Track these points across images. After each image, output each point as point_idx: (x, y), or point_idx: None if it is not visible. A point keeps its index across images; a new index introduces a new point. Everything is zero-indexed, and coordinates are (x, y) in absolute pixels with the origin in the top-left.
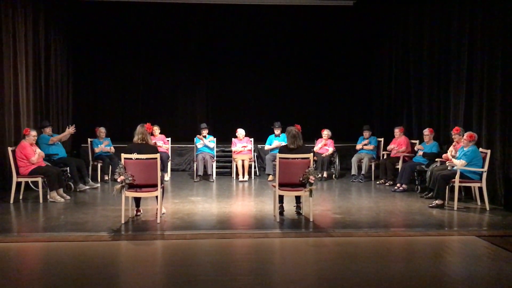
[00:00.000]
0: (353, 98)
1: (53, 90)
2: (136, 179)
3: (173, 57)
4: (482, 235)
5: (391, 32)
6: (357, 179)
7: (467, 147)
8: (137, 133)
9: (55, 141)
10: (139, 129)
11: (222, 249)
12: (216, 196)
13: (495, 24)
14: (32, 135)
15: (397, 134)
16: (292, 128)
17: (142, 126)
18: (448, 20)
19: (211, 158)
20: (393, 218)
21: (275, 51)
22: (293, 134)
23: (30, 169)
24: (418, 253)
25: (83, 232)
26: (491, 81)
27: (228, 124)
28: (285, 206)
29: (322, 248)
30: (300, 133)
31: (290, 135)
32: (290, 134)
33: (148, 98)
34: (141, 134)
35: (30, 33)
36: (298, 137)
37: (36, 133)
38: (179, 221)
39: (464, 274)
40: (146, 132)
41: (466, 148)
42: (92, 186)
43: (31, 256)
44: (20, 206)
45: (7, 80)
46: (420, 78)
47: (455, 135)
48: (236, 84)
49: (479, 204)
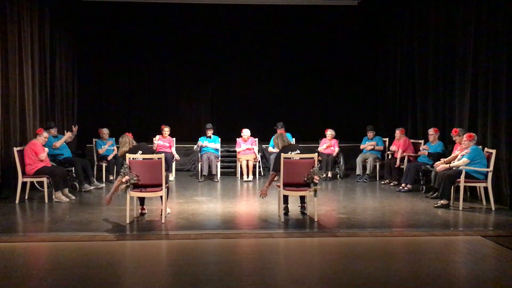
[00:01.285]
0: (357, 98)
1: (58, 91)
2: (140, 179)
3: (178, 57)
4: (488, 235)
5: (396, 32)
6: (362, 179)
7: (469, 147)
8: (124, 143)
9: (57, 146)
10: (125, 139)
11: (227, 249)
12: (221, 196)
13: (500, 24)
14: (44, 136)
15: (398, 135)
16: (276, 135)
17: (125, 136)
18: (453, 19)
19: (215, 158)
20: (398, 218)
21: (280, 51)
22: (276, 136)
23: (35, 169)
24: (423, 253)
25: (88, 232)
26: (496, 80)
27: (233, 124)
28: (289, 206)
29: (327, 248)
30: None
31: (278, 139)
32: (278, 138)
33: (153, 98)
34: (129, 142)
35: (36, 34)
36: (284, 136)
37: (47, 135)
38: (184, 221)
39: (469, 274)
40: (131, 138)
41: (467, 148)
42: (97, 186)
43: (36, 256)
44: (25, 206)
45: (13, 81)
46: (425, 77)
47: (455, 137)
48: (241, 84)
49: (484, 204)
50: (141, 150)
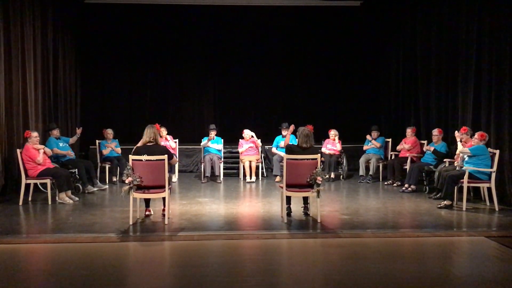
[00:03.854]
0: (360, 98)
1: (61, 92)
2: (144, 180)
3: (181, 58)
4: (491, 236)
5: (398, 32)
6: (365, 180)
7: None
8: (147, 134)
9: (63, 153)
10: (149, 129)
11: (230, 250)
12: (224, 197)
13: (503, 23)
14: (33, 137)
15: (409, 134)
16: (304, 128)
17: (152, 127)
18: (455, 19)
19: (218, 159)
20: (401, 219)
21: (282, 52)
22: (306, 133)
23: (38, 171)
24: (426, 254)
25: (91, 233)
26: (499, 80)
27: (236, 125)
28: (292, 207)
29: (330, 249)
30: (312, 134)
31: (303, 134)
32: (303, 133)
33: (156, 100)
34: (153, 134)
35: (38, 36)
36: (311, 137)
37: (37, 133)
38: (187, 222)
39: (473, 274)
40: (157, 132)
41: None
42: (101, 187)
43: (40, 258)
44: (29, 208)
45: (16, 83)
46: (428, 78)
47: (463, 135)
48: (243, 85)
49: (488, 205)
50: (147, 153)
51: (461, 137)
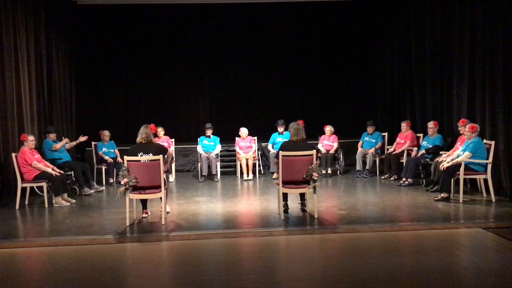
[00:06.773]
0: (356, 93)
1: (56, 95)
2: (139, 181)
3: (175, 58)
4: (489, 227)
5: (393, 27)
6: (362, 175)
7: (471, 139)
8: (140, 133)
9: (57, 148)
10: (143, 129)
11: (228, 248)
12: (221, 196)
13: (496, 16)
14: (30, 140)
15: (404, 128)
16: (294, 123)
17: (146, 127)
18: (449, 13)
19: (215, 158)
20: (399, 212)
21: (277, 48)
22: (296, 127)
23: (34, 175)
24: (424, 247)
25: (88, 235)
26: (493, 73)
27: (232, 123)
28: (289, 203)
29: (328, 245)
30: (303, 128)
31: (293, 128)
32: (293, 127)
33: (151, 100)
34: (145, 134)
35: (32, 38)
36: (301, 130)
37: (33, 137)
38: (184, 221)
39: (471, 266)
40: (150, 132)
41: (470, 140)
42: (97, 189)
43: (37, 261)
44: (25, 211)
45: (10, 85)
46: (423, 72)
47: (461, 127)
48: (239, 82)
49: (484, 196)
50: (142, 152)
51: (459, 129)
